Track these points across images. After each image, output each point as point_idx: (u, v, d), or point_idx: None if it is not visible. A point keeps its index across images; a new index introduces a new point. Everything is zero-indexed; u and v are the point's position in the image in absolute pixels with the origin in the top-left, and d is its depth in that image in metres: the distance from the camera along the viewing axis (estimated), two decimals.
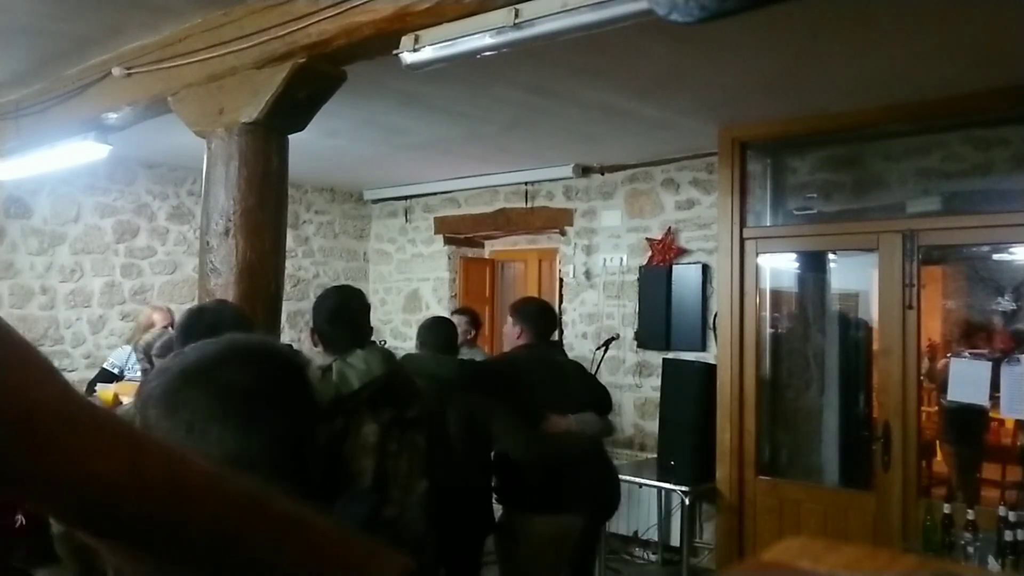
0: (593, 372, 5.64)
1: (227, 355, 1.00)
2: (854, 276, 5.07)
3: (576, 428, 3.47)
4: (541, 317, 3.77)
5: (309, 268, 7.21)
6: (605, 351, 5.65)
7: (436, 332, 3.72)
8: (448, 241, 7.13)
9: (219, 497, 0.49)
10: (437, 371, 3.40)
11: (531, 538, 3.41)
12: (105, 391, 4.07)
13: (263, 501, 0.52)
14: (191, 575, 0.51)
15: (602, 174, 6.03)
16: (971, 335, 4.74)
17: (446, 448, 3.08)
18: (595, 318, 6.07)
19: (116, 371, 4.79)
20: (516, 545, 3.44)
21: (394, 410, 2.54)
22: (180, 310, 6.11)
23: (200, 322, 2.43)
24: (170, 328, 4.82)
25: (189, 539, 0.48)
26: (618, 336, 5.78)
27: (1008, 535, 3.04)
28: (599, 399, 3.71)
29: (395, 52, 2.65)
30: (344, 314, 2.73)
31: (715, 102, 4.21)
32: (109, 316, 5.99)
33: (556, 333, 3.95)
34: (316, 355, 2.68)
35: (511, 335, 3.72)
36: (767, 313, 4.87)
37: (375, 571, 0.55)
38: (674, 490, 4.87)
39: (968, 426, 4.83)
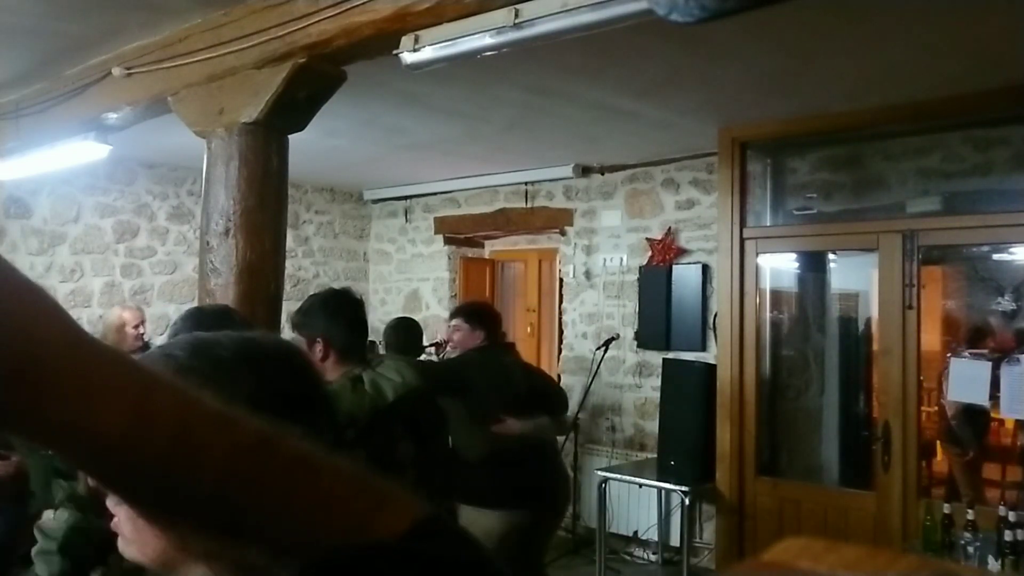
0: (592, 372, 5.66)
1: (279, 354, 0.96)
2: (854, 276, 5.07)
3: (528, 431, 3.59)
4: (491, 319, 3.88)
5: (309, 268, 7.21)
6: (605, 351, 5.65)
7: (398, 334, 3.82)
8: (448, 241, 7.13)
9: (230, 438, 0.48)
10: (404, 374, 3.42)
11: (476, 532, 3.42)
12: None
13: (274, 442, 0.51)
14: (201, 528, 0.50)
15: (602, 174, 6.03)
16: (971, 335, 4.74)
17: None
18: (595, 318, 6.07)
19: None
20: None
21: (423, 423, 2.47)
22: (180, 310, 6.13)
23: (205, 322, 2.35)
24: (141, 328, 4.79)
25: (200, 486, 0.47)
26: (618, 336, 5.78)
27: (1008, 535, 3.04)
28: (551, 401, 3.81)
29: (395, 52, 2.65)
30: (362, 320, 2.59)
31: (715, 102, 4.21)
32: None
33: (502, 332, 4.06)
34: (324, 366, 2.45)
35: (469, 340, 3.77)
36: (767, 313, 4.87)
37: (387, 516, 0.54)
38: (674, 490, 4.87)
39: (976, 427, 4.83)
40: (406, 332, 3.88)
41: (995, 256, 4.71)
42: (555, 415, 3.78)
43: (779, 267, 5.03)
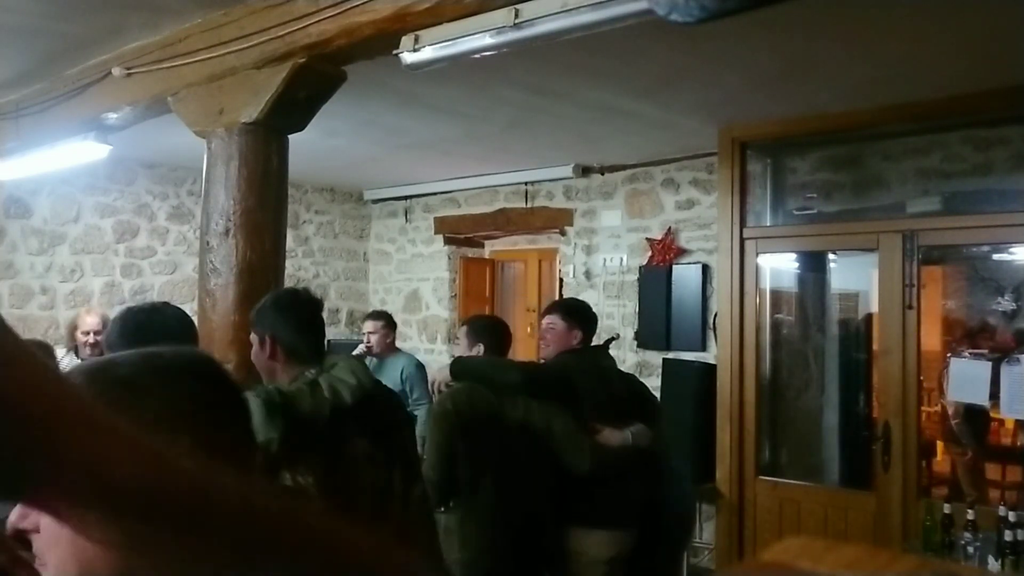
0: None
1: (185, 365, 0.93)
2: (854, 276, 5.07)
3: (630, 442, 3.21)
4: (594, 319, 3.51)
5: (309, 268, 7.21)
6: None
7: (488, 333, 3.35)
8: (448, 241, 7.13)
9: (247, 511, 0.49)
10: (499, 374, 3.13)
11: (583, 554, 3.16)
12: None
13: (292, 515, 0.52)
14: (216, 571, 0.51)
15: (602, 174, 6.03)
16: (971, 335, 4.74)
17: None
18: None
19: None
20: (569, 562, 3.17)
21: (378, 422, 2.40)
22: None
23: (147, 322, 2.29)
24: (92, 336, 4.45)
25: (216, 543, 0.48)
26: (618, 336, 5.78)
27: (1008, 535, 3.04)
28: (647, 408, 3.45)
29: (395, 52, 2.65)
30: (314, 321, 2.46)
31: (715, 102, 4.21)
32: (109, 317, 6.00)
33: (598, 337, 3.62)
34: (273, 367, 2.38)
35: (566, 339, 3.37)
36: (767, 313, 4.87)
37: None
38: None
39: (978, 426, 4.83)
40: (496, 331, 3.40)
41: (995, 256, 4.71)
42: (652, 422, 3.36)
43: (779, 267, 5.03)
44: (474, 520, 2.90)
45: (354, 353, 4.76)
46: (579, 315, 3.44)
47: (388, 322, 5.27)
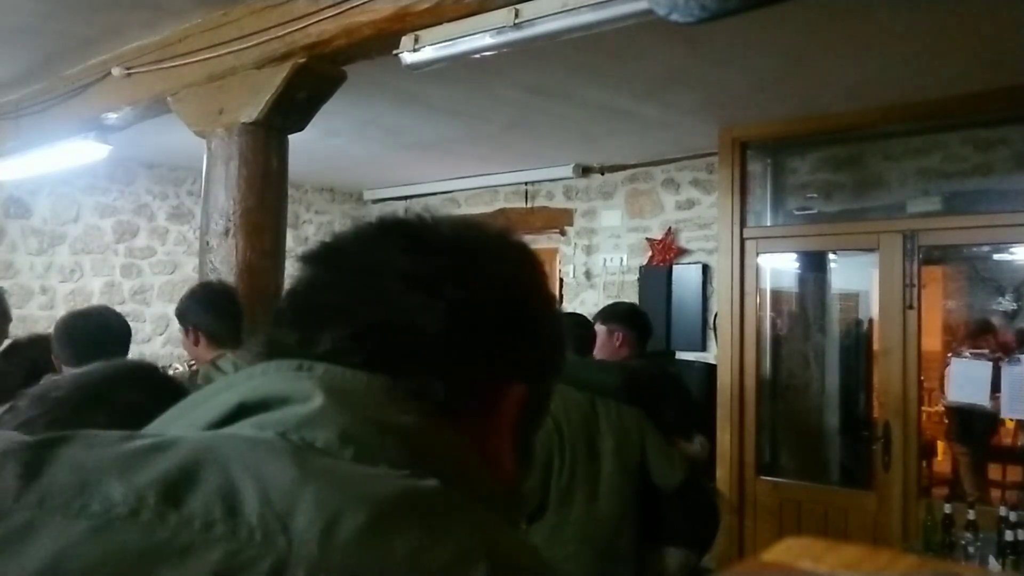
0: None
1: (119, 377, 0.97)
2: (854, 276, 5.07)
3: (701, 453, 3.08)
4: (640, 319, 3.29)
5: None
6: None
7: (572, 330, 2.95)
8: None
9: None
10: (597, 376, 2.89)
11: (666, 573, 2.94)
12: None
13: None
14: None
15: (602, 174, 6.03)
16: (971, 335, 4.74)
17: None
18: None
19: None
20: None
21: None
22: None
23: (83, 327, 2.42)
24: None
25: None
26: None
27: (1009, 535, 3.04)
28: (708, 418, 3.31)
29: (395, 52, 2.65)
30: (231, 309, 2.64)
31: (715, 102, 4.21)
32: None
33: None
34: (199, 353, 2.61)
35: (608, 345, 3.15)
36: (767, 313, 4.86)
37: None
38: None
39: (978, 426, 4.83)
40: (581, 329, 3.10)
41: (995, 256, 4.72)
42: (710, 432, 3.22)
43: (779, 267, 5.03)
44: (563, 537, 2.68)
45: None
46: (616, 316, 3.24)
47: None
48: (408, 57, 2.62)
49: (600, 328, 3.19)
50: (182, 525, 0.42)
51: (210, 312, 2.62)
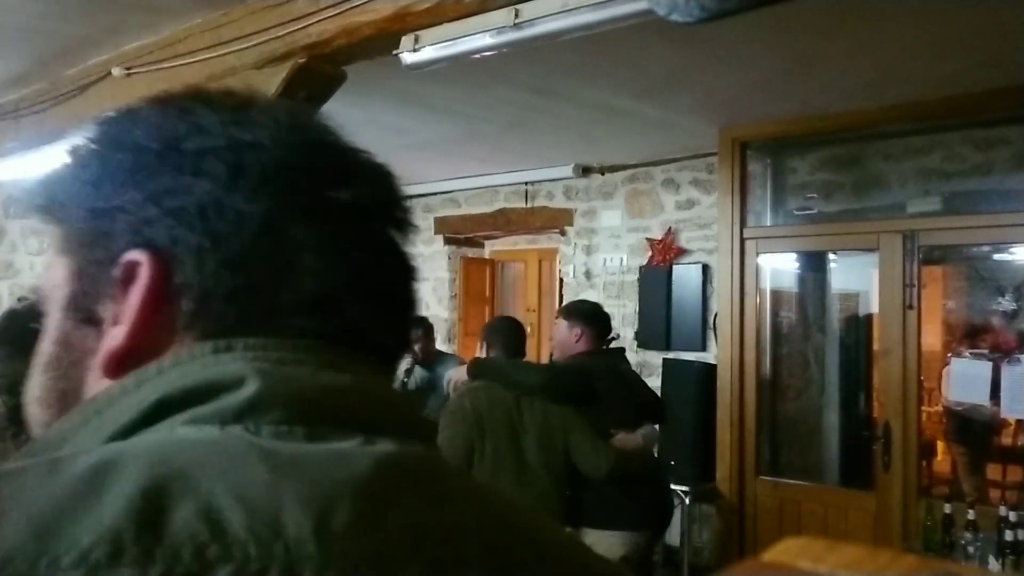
0: None
1: None
2: (854, 276, 5.07)
3: (643, 444, 3.28)
4: (599, 318, 3.49)
5: None
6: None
7: (507, 335, 3.37)
8: (448, 241, 7.13)
9: None
10: (521, 376, 3.17)
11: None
12: None
13: None
14: None
15: (602, 174, 6.03)
16: (971, 335, 4.74)
17: None
18: None
19: None
20: None
21: None
22: None
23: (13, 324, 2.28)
24: None
25: None
26: (618, 336, 5.76)
27: (1009, 535, 3.04)
28: (658, 410, 3.49)
29: (395, 52, 2.65)
30: None
31: (715, 102, 4.21)
32: None
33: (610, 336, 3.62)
34: None
35: (567, 340, 3.38)
36: (767, 313, 4.87)
37: None
38: (674, 490, 4.86)
39: (977, 426, 4.83)
40: (513, 332, 3.41)
41: (995, 256, 4.71)
42: (660, 423, 3.42)
43: (779, 267, 5.03)
44: None
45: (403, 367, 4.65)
46: (578, 314, 3.45)
47: (426, 328, 4.90)
48: (408, 57, 2.62)
49: (561, 323, 3.44)
50: (173, 557, 0.38)
51: None
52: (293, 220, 0.53)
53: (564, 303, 3.66)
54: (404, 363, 3.46)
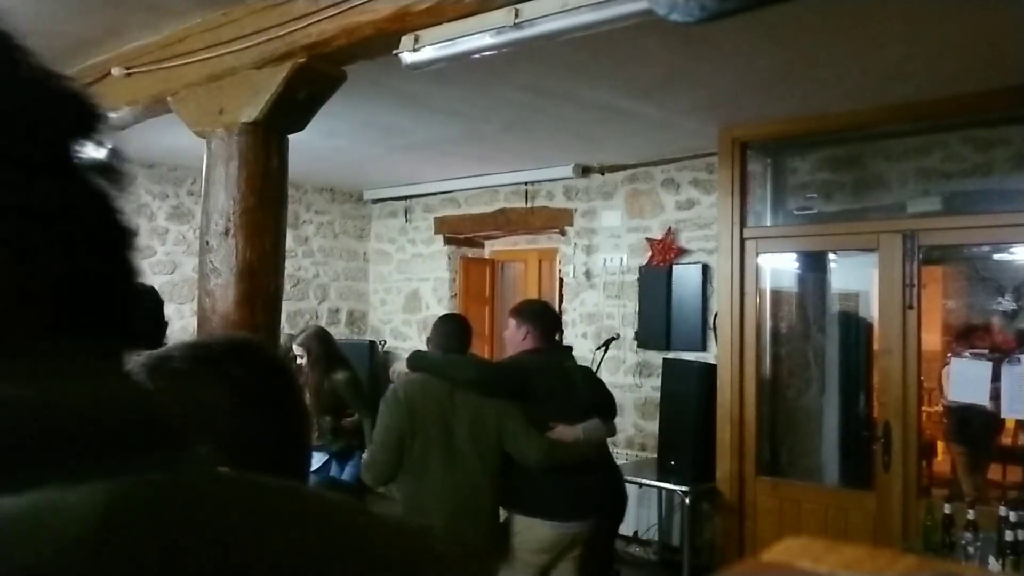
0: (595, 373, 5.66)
1: (233, 352, 0.99)
2: (854, 276, 5.07)
3: (583, 437, 3.40)
4: (546, 318, 3.65)
5: (309, 268, 7.21)
6: (605, 351, 5.65)
7: (447, 331, 3.58)
8: (448, 241, 7.13)
9: None
10: (453, 370, 3.37)
11: (528, 542, 3.38)
12: None
13: None
14: None
15: (602, 174, 6.03)
16: (971, 335, 4.74)
17: None
18: (595, 318, 6.06)
19: None
20: (513, 546, 3.41)
21: None
22: (179, 310, 6.13)
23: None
24: None
25: None
26: (618, 336, 5.78)
27: (1009, 535, 3.04)
28: (605, 405, 3.63)
29: (395, 52, 2.65)
30: (152, 313, 2.52)
31: (715, 102, 4.21)
32: None
33: (561, 335, 3.78)
34: None
35: (515, 338, 3.58)
36: (767, 313, 4.87)
37: None
38: (674, 490, 4.87)
39: (976, 426, 4.83)
40: (452, 328, 3.61)
41: (995, 256, 4.71)
42: (606, 418, 3.57)
43: (779, 267, 5.03)
44: (424, 496, 3.24)
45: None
46: (526, 313, 3.62)
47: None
48: (408, 57, 2.62)
49: (511, 322, 3.63)
50: None
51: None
52: None
53: (515, 304, 3.86)
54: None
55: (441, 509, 3.19)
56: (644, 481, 4.97)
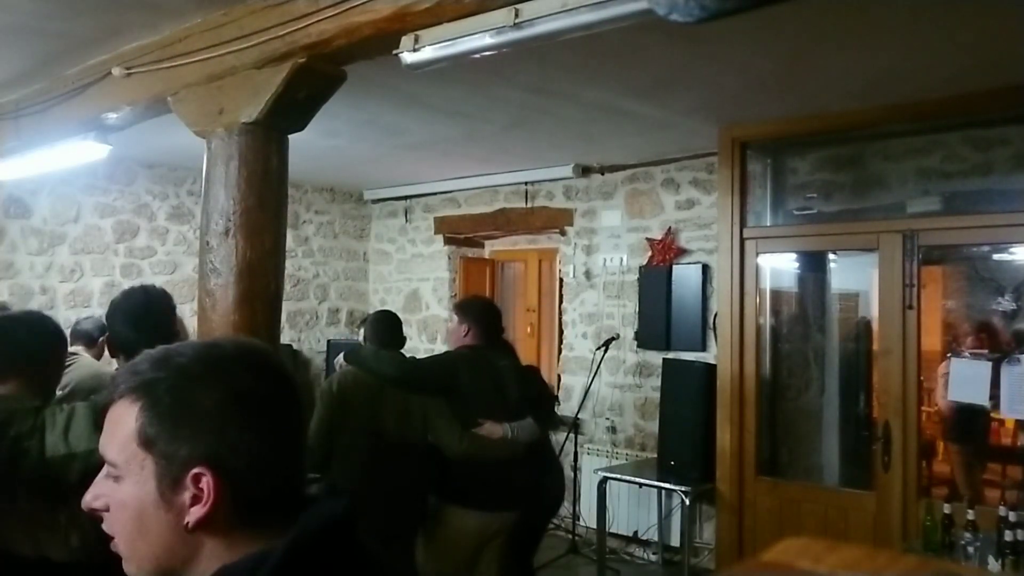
0: (592, 372, 5.66)
1: (239, 358, 0.99)
2: (854, 276, 5.07)
3: (511, 436, 3.55)
4: (486, 316, 3.79)
5: (309, 268, 7.21)
6: (605, 351, 5.65)
7: (379, 327, 3.80)
8: (448, 241, 7.13)
9: None
10: (377, 366, 3.56)
11: (455, 529, 3.52)
12: None
13: None
14: None
15: (602, 174, 6.03)
16: (971, 334, 4.74)
17: None
18: (595, 318, 6.07)
19: None
20: (440, 531, 3.57)
21: None
22: (180, 310, 6.12)
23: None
24: None
25: None
26: (618, 336, 5.78)
27: (1008, 535, 3.04)
28: (540, 404, 3.77)
29: (395, 52, 2.64)
30: (145, 318, 2.41)
31: (715, 102, 4.21)
32: None
33: (501, 332, 3.91)
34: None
35: (457, 333, 3.73)
36: (767, 313, 4.87)
37: None
38: (674, 490, 4.87)
39: (974, 425, 4.83)
40: (383, 324, 3.82)
41: (995, 256, 4.71)
42: (540, 418, 3.74)
43: (779, 267, 5.03)
44: (350, 479, 3.40)
45: None
46: (469, 310, 3.79)
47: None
48: (408, 57, 2.61)
49: (455, 317, 3.80)
50: None
51: (120, 321, 2.41)
52: None
53: (458, 301, 4.18)
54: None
55: (369, 495, 3.30)
56: (644, 481, 4.97)
